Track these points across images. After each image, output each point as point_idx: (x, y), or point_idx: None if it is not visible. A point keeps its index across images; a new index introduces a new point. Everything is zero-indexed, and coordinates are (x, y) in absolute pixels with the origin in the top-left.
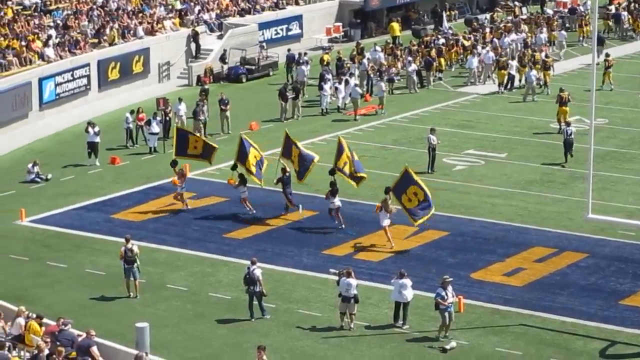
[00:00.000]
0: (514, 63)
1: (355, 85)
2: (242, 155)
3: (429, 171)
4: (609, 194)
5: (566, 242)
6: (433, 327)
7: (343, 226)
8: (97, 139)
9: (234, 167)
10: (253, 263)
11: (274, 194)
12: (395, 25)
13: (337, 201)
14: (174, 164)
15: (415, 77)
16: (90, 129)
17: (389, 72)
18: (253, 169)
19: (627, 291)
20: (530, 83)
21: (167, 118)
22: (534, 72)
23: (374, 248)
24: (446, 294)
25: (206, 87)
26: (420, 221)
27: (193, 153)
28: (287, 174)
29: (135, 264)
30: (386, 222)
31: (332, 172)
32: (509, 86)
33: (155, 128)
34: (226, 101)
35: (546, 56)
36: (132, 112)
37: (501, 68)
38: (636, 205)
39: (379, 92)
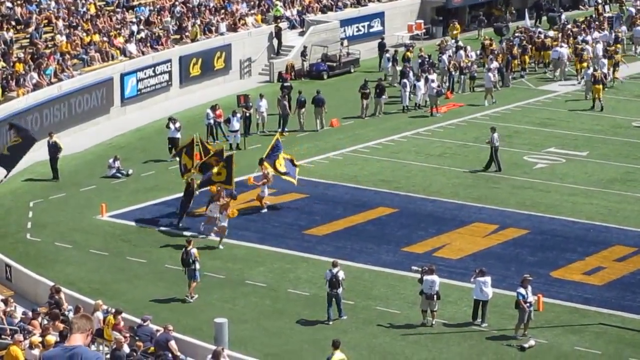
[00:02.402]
0: (605, 61)
1: (432, 81)
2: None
3: (499, 169)
4: None
5: None
6: (511, 326)
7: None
8: (178, 135)
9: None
10: (335, 265)
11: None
12: (456, 25)
13: None
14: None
15: (497, 75)
16: (171, 125)
17: (471, 69)
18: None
19: None
20: (588, 81)
21: (248, 114)
22: (591, 70)
23: (452, 245)
24: (526, 293)
25: (287, 83)
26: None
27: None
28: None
29: (193, 267)
30: (266, 191)
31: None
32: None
33: (235, 125)
34: (303, 100)
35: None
36: (212, 107)
37: (582, 60)
38: None
39: (487, 83)
